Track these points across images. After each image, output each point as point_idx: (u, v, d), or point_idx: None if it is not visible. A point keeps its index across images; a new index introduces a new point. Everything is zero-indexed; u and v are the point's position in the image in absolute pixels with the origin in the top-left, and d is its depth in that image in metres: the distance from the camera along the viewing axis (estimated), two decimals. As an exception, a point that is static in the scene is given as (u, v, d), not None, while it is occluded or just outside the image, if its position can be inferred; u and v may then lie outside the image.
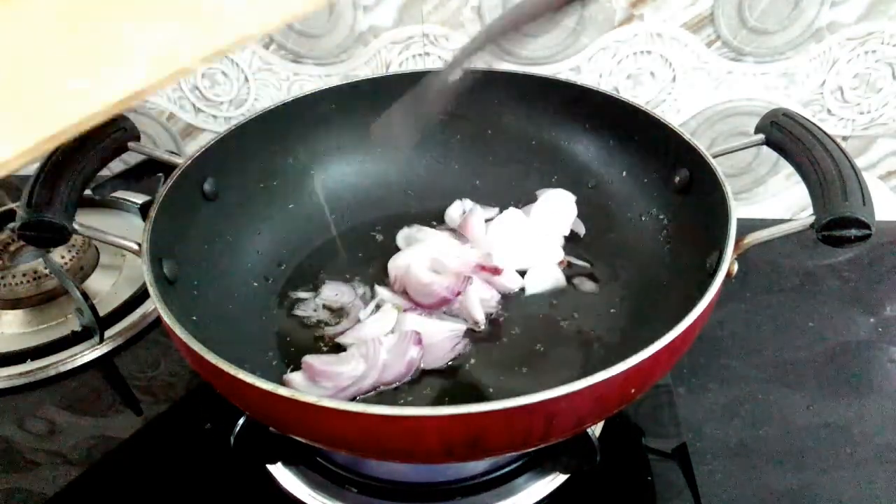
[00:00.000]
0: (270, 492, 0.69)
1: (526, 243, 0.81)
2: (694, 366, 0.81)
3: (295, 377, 0.68)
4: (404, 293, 0.76)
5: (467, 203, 0.87)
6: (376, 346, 0.68)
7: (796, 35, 0.98)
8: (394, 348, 0.69)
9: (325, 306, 0.77)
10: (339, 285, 0.79)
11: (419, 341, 0.69)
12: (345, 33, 1.04)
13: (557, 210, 0.84)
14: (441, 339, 0.71)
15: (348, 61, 1.06)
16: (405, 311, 0.74)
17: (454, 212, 0.86)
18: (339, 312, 0.77)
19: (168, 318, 0.56)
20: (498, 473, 0.68)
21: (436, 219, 0.87)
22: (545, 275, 0.79)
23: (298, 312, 0.77)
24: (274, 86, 1.10)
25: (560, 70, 1.05)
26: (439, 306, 0.74)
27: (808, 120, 0.67)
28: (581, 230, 0.84)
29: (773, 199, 1.12)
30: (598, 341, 0.73)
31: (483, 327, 0.74)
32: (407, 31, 1.03)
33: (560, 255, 0.81)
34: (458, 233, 0.83)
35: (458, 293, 0.74)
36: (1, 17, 0.31)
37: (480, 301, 0.75)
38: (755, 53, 0.99)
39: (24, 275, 0.87)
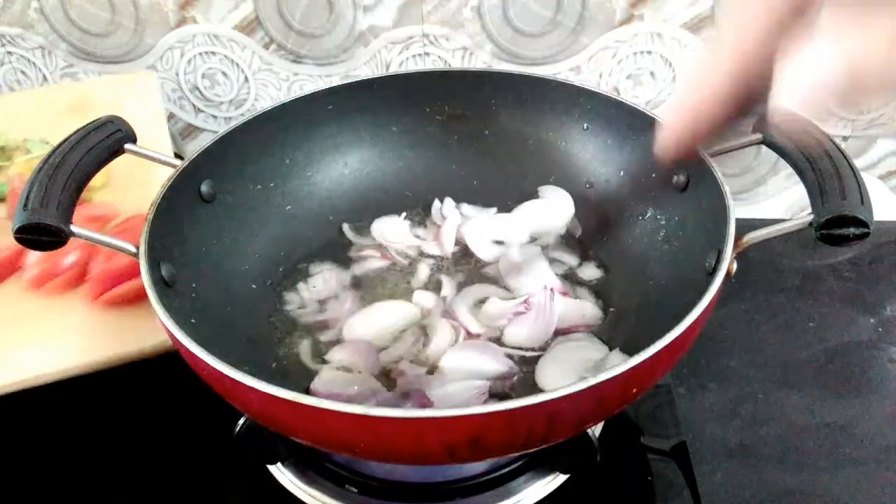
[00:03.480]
0: (270, 492, 0.69)
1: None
2: (694, 366, 0.81)
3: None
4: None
5: (448, 204, 0.86)
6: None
7: (796, 34, 0.98)
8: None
9: (318, 300, 0.78)
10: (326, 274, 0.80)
11: (424, 405, 0.64)
12: (345, 33, 1.04)
13: (553, 209, 0.84)
14: (465, 398, 0.65)
15: (348, 61, 1.06)
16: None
17: (434, 213, 0.87)
18: (325, 303, 0.77)
19: (167, 321, 0.56)
20: (498, 473, 0.68)
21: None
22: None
23: (287, 307, 0.77)
24: (274, 86, 1.10)
25: (560, 70, 1.05)
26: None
27: (805, 119, 0.67)
28: (577, 230, 0.84)
29: (773, 199, 1.12)
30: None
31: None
32: (407, 31, 1.03)
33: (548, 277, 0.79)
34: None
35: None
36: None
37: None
38: (755, 53, 0.99)
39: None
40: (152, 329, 0.73)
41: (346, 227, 0.85)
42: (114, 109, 0.98)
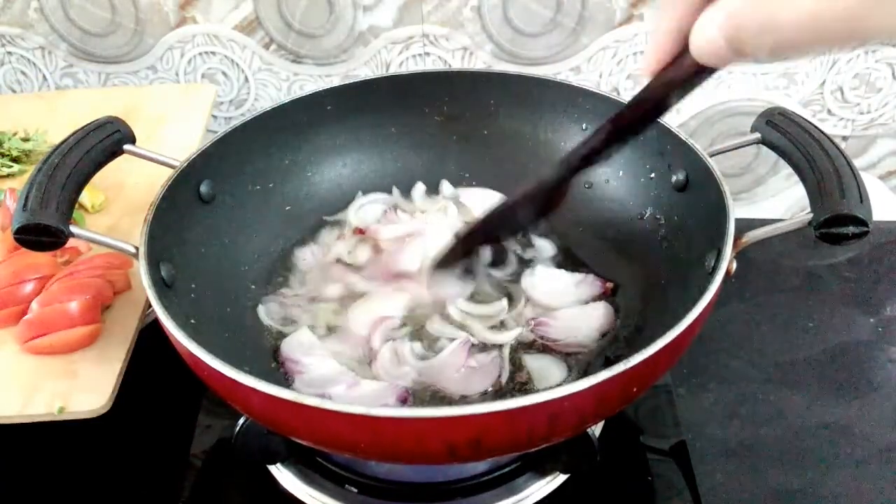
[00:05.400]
0: (270, 492, 0.69)
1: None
2: (694, 366, 0.81)
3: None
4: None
5: (420, 188, 0.88)
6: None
7: (796, 34, 0.97)
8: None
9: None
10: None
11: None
12: (345, 33, 1.04)
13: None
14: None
15: (348, 61, 1.06)
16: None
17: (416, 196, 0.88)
18: None
19: (167, 322, 0.56)
20: (498, 473, 0.68)
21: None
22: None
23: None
24: (274, 86, 1.10)
25: (560, 70, 1.05)
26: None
27: (803, 118, 0.67)
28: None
29: (773, 199, 1.12)
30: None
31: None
32: (407, 31, 1.03)
33: None
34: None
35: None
36: None
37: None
38: (755, 53, 0.99)
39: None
40: (70, 389, 0.67)
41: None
42: (163, 117, 0.98)
